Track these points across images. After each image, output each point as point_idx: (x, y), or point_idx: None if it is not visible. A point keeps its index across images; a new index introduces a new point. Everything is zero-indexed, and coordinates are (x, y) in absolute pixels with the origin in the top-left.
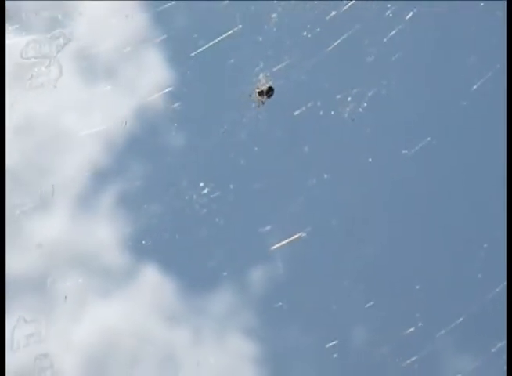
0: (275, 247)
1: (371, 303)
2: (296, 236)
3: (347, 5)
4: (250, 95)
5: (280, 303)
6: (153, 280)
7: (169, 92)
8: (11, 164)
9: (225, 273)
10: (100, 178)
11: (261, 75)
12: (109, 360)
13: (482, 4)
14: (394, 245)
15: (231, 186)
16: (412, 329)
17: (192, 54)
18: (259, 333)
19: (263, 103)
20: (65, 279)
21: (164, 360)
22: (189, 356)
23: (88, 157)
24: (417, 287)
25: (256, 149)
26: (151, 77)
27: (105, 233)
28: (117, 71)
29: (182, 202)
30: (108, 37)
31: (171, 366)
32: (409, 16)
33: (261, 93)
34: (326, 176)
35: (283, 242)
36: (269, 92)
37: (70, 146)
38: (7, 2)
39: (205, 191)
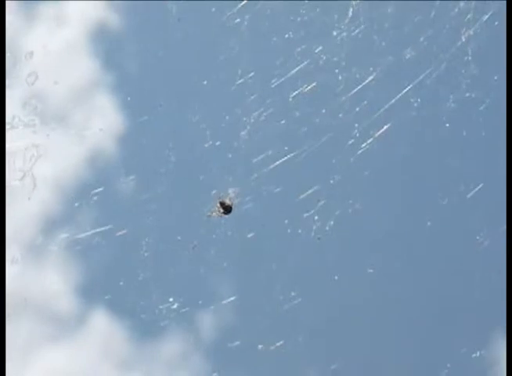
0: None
1: None
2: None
3: (315, 118)
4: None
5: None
6: (102, 326)
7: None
8: None
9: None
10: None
11: (230, 190)
12: None
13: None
14: (361, 361)
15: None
16: None
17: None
18: None
19: (217, 213)
20: (14, 325)
21: None
22: None
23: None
24: None
25: (225, 265)
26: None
27: (54, 280)
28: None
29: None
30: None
31: None
32: (378, 134)
33: (222, 204)
34: (293, 294)
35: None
36: (227, 209)
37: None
38: None
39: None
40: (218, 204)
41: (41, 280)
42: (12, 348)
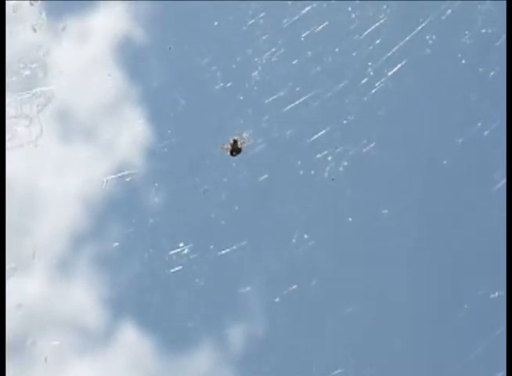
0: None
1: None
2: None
3: (327, 58)
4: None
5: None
6: (130, 340)
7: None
8: None
9: (203, 332)
10: (79, 239)
11: (244, 133)
12: None
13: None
14: (374, 304)
15: (211, 246)
16: None
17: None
18: None
19: (228, 151)
20: (44, 340)
21: None
22: None
23: (67, 218)
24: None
25: (236, 208)
26: (130, 136)
27: (83, 294)
28: (97, 131)
29: (160, 262)
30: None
31: None
32: (391, 72)
33: (235, 143)
34: (306, 236)
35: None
36: (237, 150)
37: (50, 208)
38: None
39: (185, 251)
40: (232, 141)
41: None
42: (42, 363)
